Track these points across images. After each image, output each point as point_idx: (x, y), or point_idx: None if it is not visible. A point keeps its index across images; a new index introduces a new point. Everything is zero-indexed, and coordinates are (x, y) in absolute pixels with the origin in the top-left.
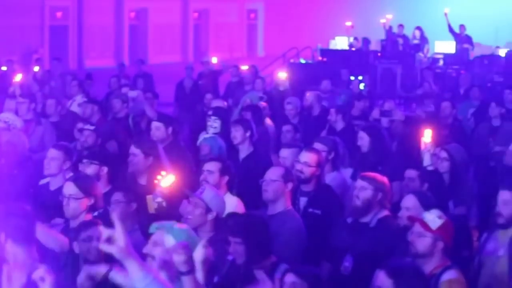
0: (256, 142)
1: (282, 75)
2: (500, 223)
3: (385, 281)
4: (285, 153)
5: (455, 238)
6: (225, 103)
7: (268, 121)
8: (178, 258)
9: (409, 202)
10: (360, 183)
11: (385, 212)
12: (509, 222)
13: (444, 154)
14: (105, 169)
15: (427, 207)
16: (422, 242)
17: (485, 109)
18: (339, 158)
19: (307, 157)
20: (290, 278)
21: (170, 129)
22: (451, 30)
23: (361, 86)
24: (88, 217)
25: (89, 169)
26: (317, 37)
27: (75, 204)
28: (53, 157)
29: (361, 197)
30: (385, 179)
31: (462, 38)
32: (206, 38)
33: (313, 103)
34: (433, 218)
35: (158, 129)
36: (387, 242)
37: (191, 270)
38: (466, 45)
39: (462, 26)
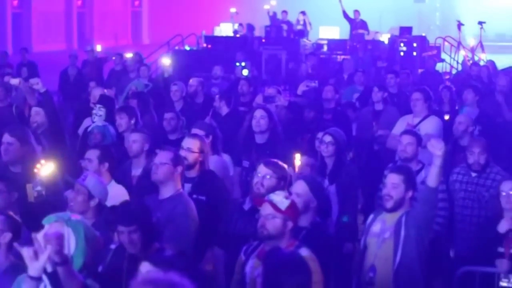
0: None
1: (166, 62)
2: (389, 207)
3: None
4: (134, 136)
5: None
6: (105, 91)
7: None
8: (51, 248)
9: (299, 187)
10: (264, 170)
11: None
12: (397, 205)
13: (328, 138)
14: None
15: (316, 192)
16: (273, 224)
17: (368, 93)
18: (219, 141)
19: (190, 143)
20: (144, 267)
21: None
22: (345, 15)
23: (245, 72)
24: None
25: None
26: (202, 24)
27: None
28: None
29: (265, 185)
30: (285, 166)
31: (356, 23)
32: (91, 25)
33: (197, 89)
34: (281, 199)
35: (37, 114)
36: None
37: (64, 261)
38: (361, 31)
39: (356, 12)
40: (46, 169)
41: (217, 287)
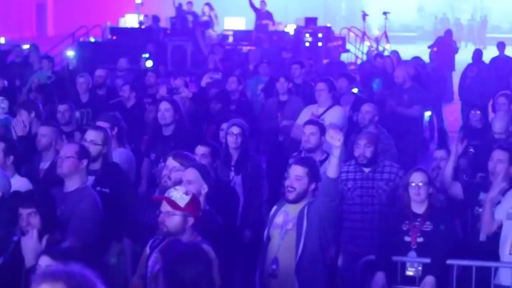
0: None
1: (70, 54)
2: (291, 198)
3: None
4: (43, 130)
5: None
6: (5, 82)
7: None
8: None
9: (191, 175)
10: (172, 163)
11: None
12: (300, 197)
13: (237, 130)
14: None
15: (207, 178)
16: (172, 221)
17: (273, 84)
18: (124, 133)
19: (93, 135)
20: (43, 261)
21: None
22: (252, 5)
23: (149, 63)
24: None
25: None
26: (107, 15)
27: None
28: None
29: (173, 177)
30: (195, 158)
31: (262, 14)
32: None
33: (105, 81)
34: (180, 195)
35: None
36: None
37: None
38: (266, 21)
39: (263, 2)
40: None
41: (124, 279)
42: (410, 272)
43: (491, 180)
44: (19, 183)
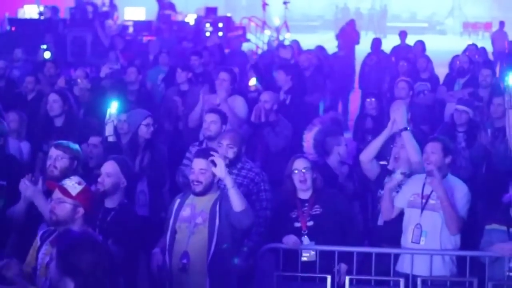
0: None
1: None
2: (198, 191)
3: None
4: None
5: None
6: None
7: None
8: None
9: (110, 167)
10: (55, 152)
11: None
12: (207, 189)
13: (150, 120)
14: None
15: (126, 172)
16: (62, 209)
17: (173, 74)
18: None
19: None
20: None
21: None
22: None
23: (47, 54)
24: None
25: None
26: (5, 6)
27: None
28: None
29: (58, 166)
30: (76, 146)
31: (164, 4)
32: None
33: (5, 72)
34: (73, 184)
35: None
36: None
37: None
38: (168, 11)
39: None
40: None
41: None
42: (305, 258)
43: (392, 167)
44: None
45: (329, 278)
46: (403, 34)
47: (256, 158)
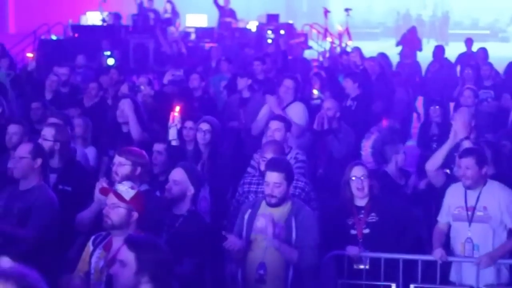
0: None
1: (29, 55)
2: (273, 203)
3: (127, 254)
4: (13, 129)
5: None
6: None
7: None
8: None
9: (178, 175)
10: (118, 159)
11: (145, 187)
12: (281, 201)
13: (206, 126)
14: None
15: (194, 180)
16: (117, 213)
17: (235, 81)
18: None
19: (45, 131)
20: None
21: None
22: (215, 2)
23: (110, 61)
24: None
25: None
26: (69, 12)
27: None
28: None
29: (120, 172)
30: (143, 153)
31: (225, 11)
32: None
33: (69, 79)
34: (126, 189)
35: None
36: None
37: None
38: (228, 19)
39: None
40: None
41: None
42: (360, 266)
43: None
44: None
45: (393, 286)
46: (469, 42)
47: (319, 165)
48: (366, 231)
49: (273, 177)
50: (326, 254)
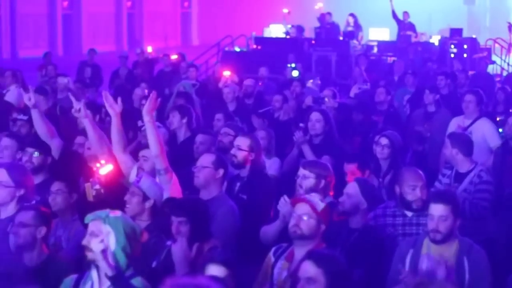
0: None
1: (226, 73)
2: (438, 239)
3: (314, 270)
4: (200, 138)
5: None
6: (146, 91)
7: None
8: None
9: (351, 189)
10: (302, 171)
11: (329, 199)
12: (447, 238)
13: (385, 141)
14: (48, 159)
15: (367, 194)
16: (308, 223)
17: (419, 95)
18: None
19: (240, 141)
20: (213, 270)
21: (97, 117)
22: (394, 16)
23: (295, 73)
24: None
25: (32, 158)
26: (251, 25)
27: (4, 192)
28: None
29: (304, 185)
30: (328, 166)
31: (405, 25)
32: (140, 26)
33: (253, 90)
34: (317, 201)
35: None
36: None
37: None
38: (408, 32)
39: (406, 13)
40: (105, 168)
41: None
42: None
43: None
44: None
45: None
46: None
47: (507, 184)
48: None
49: (438, 209)
50: None
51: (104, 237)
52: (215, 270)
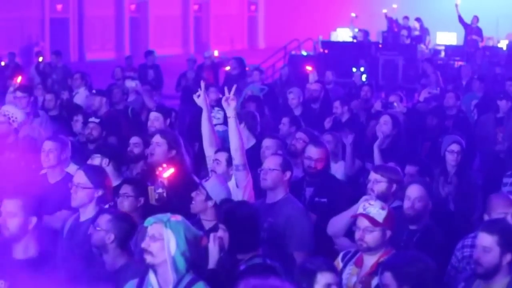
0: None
1: (309, 68)
2: (479, 273)
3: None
4: (267, 142)
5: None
6: (220, 95)
7: None
8: None
9: (419, 192)
10: (373, 176)
11: (398, 203)
12: (490, 272)
13: (457, 148)
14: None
15: (431, 195)
16: (372, 237)
17: (488, 100)
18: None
19: (316, 153)
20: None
21: (168, 121)
22: (461, 21)
23: (363, 77)
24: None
25: (98, 162)
26: (318, 28)
27: (82, 193)
28: (50, 149)
29: (375, 189)
30: (398, 170)
31: (472, 29)
32: (207, 30)
33: (320, 94)
34: (378, 211)
35: (157, 120)
36: (398, 233)
37: None
38: (475, 37)
39: (475, 17)
40: (167, 171)
41: None
42: None
43: None
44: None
45: None
46: None
47: None
48: None
49: (483, 239)
50: None
51: (164, 241)
52: (328, 277)
